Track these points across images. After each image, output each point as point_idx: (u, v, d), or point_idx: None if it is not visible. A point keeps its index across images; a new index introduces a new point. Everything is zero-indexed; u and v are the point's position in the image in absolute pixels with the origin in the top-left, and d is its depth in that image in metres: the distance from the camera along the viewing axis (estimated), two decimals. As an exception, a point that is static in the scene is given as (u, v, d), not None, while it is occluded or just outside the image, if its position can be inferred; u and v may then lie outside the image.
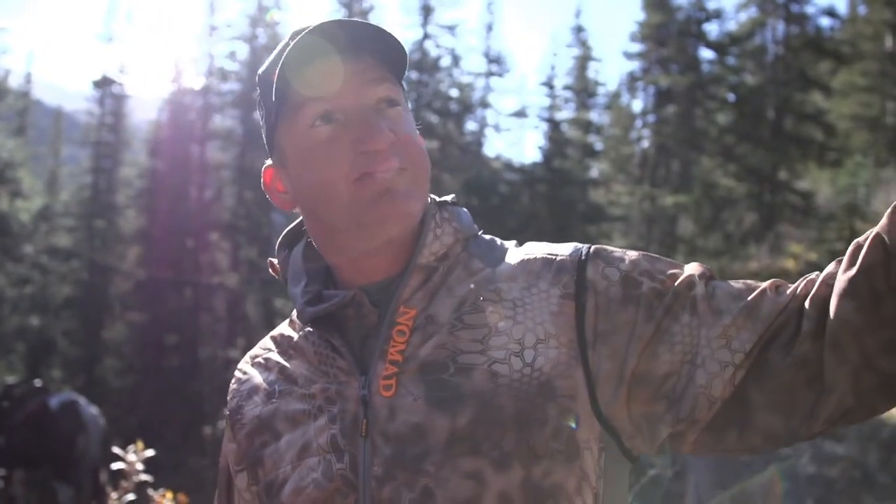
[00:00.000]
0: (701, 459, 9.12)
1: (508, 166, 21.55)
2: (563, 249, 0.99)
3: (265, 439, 1.00)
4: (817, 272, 0.92)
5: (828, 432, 0.89)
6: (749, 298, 0.92)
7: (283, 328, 1.08)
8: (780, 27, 20.88)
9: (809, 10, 20.85)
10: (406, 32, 20.57)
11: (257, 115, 1.06)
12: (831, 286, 0.88)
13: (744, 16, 21.52)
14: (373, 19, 21.91)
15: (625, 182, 21.37)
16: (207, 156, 22.21)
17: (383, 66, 0.97)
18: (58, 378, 19.16)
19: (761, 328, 0.89)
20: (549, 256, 0.97)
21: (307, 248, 1.05)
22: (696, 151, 20.02)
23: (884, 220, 0.86)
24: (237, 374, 1.10)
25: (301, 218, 1.06)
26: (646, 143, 22.49)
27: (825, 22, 23.47)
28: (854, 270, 0.85)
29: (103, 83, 22.15)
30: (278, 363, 1.04)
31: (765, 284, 0.94)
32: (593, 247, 0.99)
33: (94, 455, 7.01)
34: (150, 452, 3.53)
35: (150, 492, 3.52)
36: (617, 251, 0.98)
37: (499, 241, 1.05)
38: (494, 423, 0.88)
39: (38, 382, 7.95)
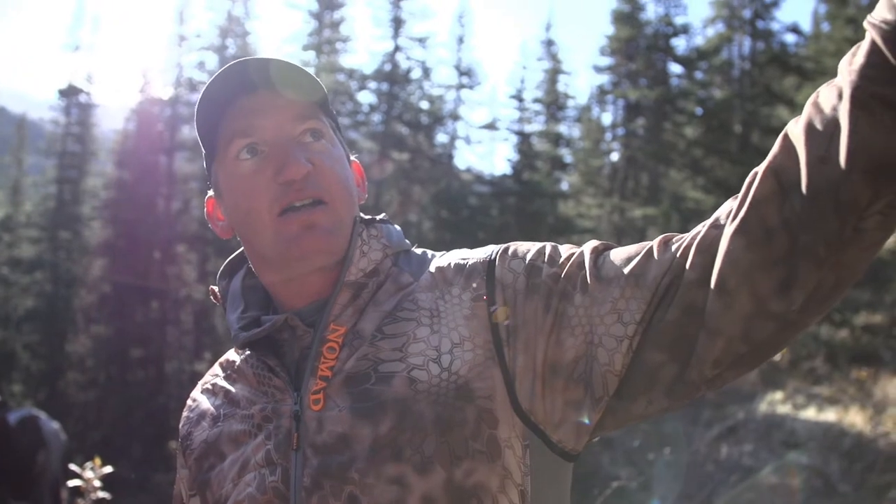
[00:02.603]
0: (667, 471, 9.18)
1: (479, 178, 21.62)
2: (476, 253, 1.02)
3: (212, 462, 1.05)
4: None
5: (726, 379, 0.87)
6: (635, 263, 0.92)
7: (230, 353, 1.13)
8: (747, 43, 21.24)
9: (774, 26, 21.15)
10: (377, 44, 20.59)
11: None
12: (720, 228, 0.87)
13: (711, 31, 21.87)
14: (344, 30, 21.92)
15: (594, 194, 21.51)
16: (175, 167, 21.98)
17: (309, 103, 1.02)
18: (19, 393, 18.74)
19: (648, 294, 0.89)
20: (461, 262, 1.01)
21: (248, 274, 1.10)
22: (664, 164, 20.25)
23: (775, 148, 0.83)
24: (188, 401, 1.15)
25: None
26: (615, 156, 22.70)
27: (790, 38, 23.96)
28: (745, 206, 0.83)
29: (69, 92, 21.84)
30: (223, 388, 1.09)
31: (654, 242, 0.93)
32: (504, 245, 1.02)
33: (54, 472, 6.86)
34: (108, 469, 3.45)
35: (108, 509, 3.43)
36: (527, 244, 1.00)
37: (430, 253, 1.09)
38: (415, 428, 0.91)
39: (-4, 398, 7.76)
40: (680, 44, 21.48)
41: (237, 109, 1.01)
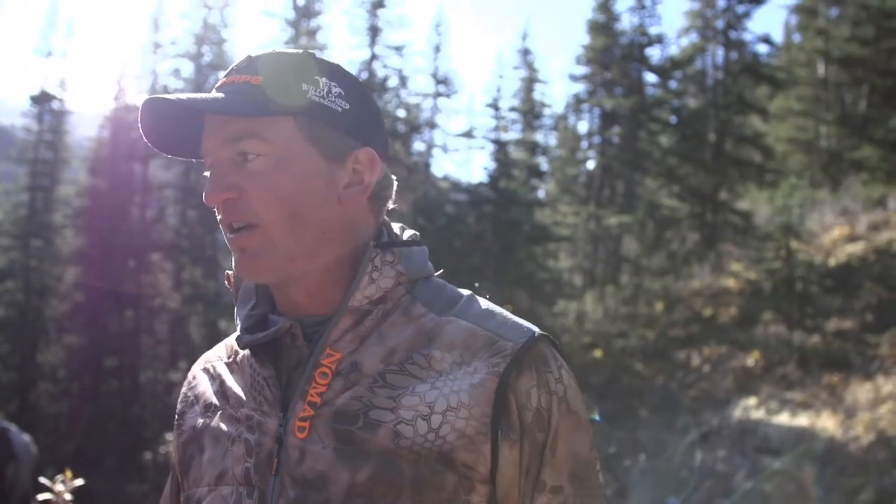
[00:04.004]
0: (642, 478, 9.24)
1: (456, 186, 21.66)
2: (511, 333, 0.97)
3: (193, 452, 1.05)
4: None
5: None
6: None
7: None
8: (720, 53, 21.53)
9: (747, 37, 21.43)
10: (354, 53, 20.58)
11: None
12: None
13: (685, 41, 22.15)
14: (321, 39, 21.90)
15: (570, 202, 21.64)
16: (150, 174, 21.79)
17: (248, 119, 0.97)
18: (-11, 404, 18.41)
19: None
20: (494, 337, 0.96)
21: None
22: (640, 172, 20.42)
23: None
24: (189, 376, 1.13)
25: None
26: (591, 164, 22.87)
27: (762, 49, 24.35)
28: None
29: (41, 99, 21.56)
30: (220, 375, 1.07)
31: None
32: (541, 346, 0.97)
33: (24, 486, 6.74)
34: (79, 481, 3.41)
35: (79, 523, 3.38)
36: (555, 373, 0.97)
37: (450, 287, 1.04)
38: (392, 483, 0.90)
39: (-35, 410, 7.63)
40: (654, 53, 21.72)
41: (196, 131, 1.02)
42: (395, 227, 1.07)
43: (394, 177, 1.09)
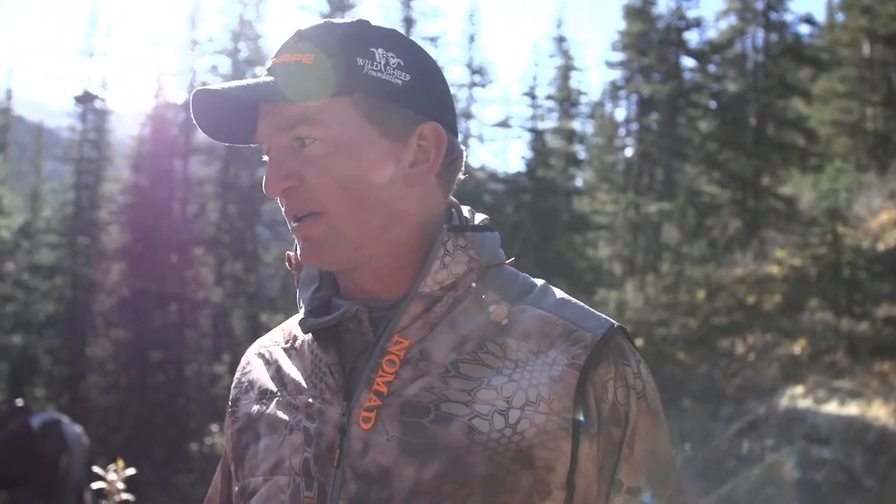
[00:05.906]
0: (687, 467, 9.14)
1: (493, 176, 21.60)
2: (589, 322, 0.93)
3: (248, 440, 1.00)
4: None
5: None
6: None
7: (294, 321, 1.06)
8: (760, 35, 21.10)
9: (788, 17, 21.00)
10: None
11: None
12: None
13: (724, 24, 21.73)
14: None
15: (609, 190, 21.43)
16: (190, 170, 22.13)
17: (299, 104, 0.91)
18: (41, 397, 18.95)
19: None
20: (572, 327, 0.92)
21: None
22: (679, 159, 20.13)
23: None
24: (243, 362, 1.10)
25: None
26: (629, 152, 22.61)
27: (804, 29, 23.71)
28: None
29: (85, 99, 22.02)
30: (277, 361, 1.03)
31: None
32: (619, 339, 0.93)
33: (77, 475, 6.92)
34: (131, 471, 3.47)
35: (132, 511, 3.45)
36: (633, 367, 0.93)
37: (522, 276, 1.00)
38: (461, 482, 0.85)
39: (19, 402, 7.84)
40: (693, 37, 21.38)
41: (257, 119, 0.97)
42: (464, 209, 1.01)
43: (463, 147, 1.01)
